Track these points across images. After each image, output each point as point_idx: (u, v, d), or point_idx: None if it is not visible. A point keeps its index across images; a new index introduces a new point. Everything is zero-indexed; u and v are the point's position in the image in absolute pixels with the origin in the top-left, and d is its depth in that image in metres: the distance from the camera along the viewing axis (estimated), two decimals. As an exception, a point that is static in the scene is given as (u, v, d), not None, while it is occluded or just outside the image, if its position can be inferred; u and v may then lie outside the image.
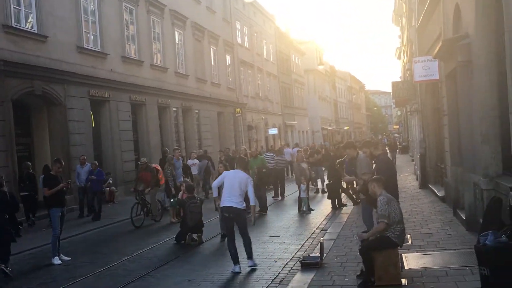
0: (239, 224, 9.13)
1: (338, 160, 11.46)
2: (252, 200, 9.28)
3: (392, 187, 8.11)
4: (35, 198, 15.81)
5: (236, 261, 8.95)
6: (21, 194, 15.35)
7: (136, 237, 13.20)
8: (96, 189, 16.80)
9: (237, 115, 36.22)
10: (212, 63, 33.62)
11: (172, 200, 14.95)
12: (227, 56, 36.62)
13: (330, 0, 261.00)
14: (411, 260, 8.38)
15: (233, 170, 9.76)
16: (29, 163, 16.32)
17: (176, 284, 8.43)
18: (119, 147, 21.67)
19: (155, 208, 15.39)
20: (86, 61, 20.05)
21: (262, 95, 44.63)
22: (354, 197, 10.38)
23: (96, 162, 17.82)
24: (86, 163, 17.36)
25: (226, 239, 11.68)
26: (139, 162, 17.76)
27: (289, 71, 55.04)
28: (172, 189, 15.98)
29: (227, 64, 36.71)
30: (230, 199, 9.00)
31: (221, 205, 9.15)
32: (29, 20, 17.64)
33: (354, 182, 10.15)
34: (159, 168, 16.37)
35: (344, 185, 10.41)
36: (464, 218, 10.62)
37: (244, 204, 9.15)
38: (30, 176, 15.79)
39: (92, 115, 20.58)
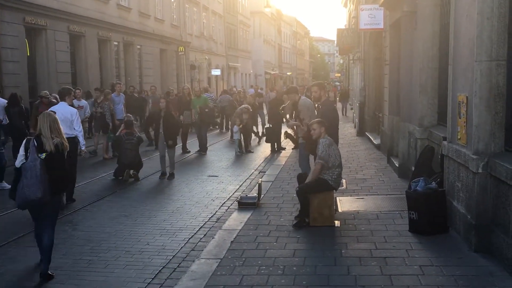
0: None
1: (281, 106, 11.49)
2: None
3: (333, 133, 8.23)
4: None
5: None
6: None
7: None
8: None
9: (180, 53, 35.41)
10: (157, -2, 32.48)
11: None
12: (172, -9, 35.45)
13: None
14: (345, 203, 8.66)
15: None
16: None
17: (112, 219, 8.38)
18: (56, 79, 20.78)
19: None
20: (22, -15, 18.85)
21: (207, 34, 43.76)
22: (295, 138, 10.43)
23: None
24: None
25: (166, 177, 11.69)
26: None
27: (235, 12, 54.04)
28: (110, 124, 15.60)
29: (172, -1, 35.59)
30: None
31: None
32: None
33: (295, 126, 10.22)
34: None
35: (289, 131, 10.46)
36: (397, 166, 11.03)
37: None
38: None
39: (27, 43, 19.58)
